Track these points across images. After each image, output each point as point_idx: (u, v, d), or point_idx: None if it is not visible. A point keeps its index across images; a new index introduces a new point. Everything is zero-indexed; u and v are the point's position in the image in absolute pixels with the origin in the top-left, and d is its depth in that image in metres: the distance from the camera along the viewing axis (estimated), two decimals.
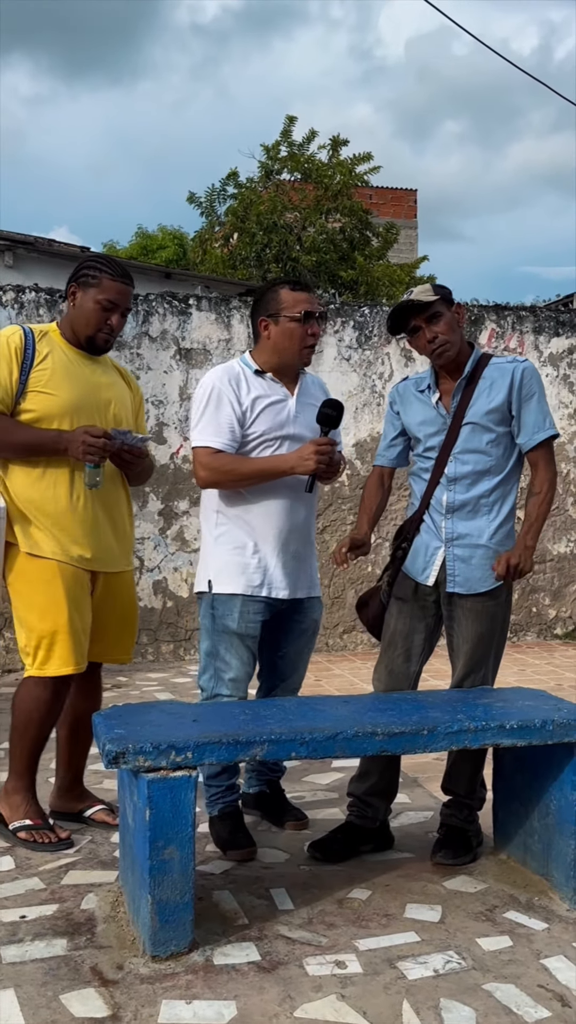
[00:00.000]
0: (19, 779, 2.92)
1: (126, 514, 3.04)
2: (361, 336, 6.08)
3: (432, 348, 2.80)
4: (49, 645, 2.81)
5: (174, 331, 5.79)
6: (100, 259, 2.95)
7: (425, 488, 2.88)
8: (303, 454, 2.80)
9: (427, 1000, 2.12)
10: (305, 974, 2.21)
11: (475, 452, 2.80)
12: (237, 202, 16.25)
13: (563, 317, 6.48)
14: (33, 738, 2.88)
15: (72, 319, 2.91)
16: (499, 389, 2.80)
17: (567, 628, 6.54)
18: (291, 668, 3.10)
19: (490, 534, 2.81)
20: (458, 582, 2.81)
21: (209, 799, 2.97)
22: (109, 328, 2.89)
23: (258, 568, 2.89)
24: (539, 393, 2.82)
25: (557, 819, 2.58)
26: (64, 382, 2.84)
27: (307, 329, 2.88)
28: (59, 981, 2.17)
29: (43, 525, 2.83)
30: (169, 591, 5.84)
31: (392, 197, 27.53)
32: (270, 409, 2.89)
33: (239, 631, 2.88)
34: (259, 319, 2.95)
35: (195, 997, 2.11)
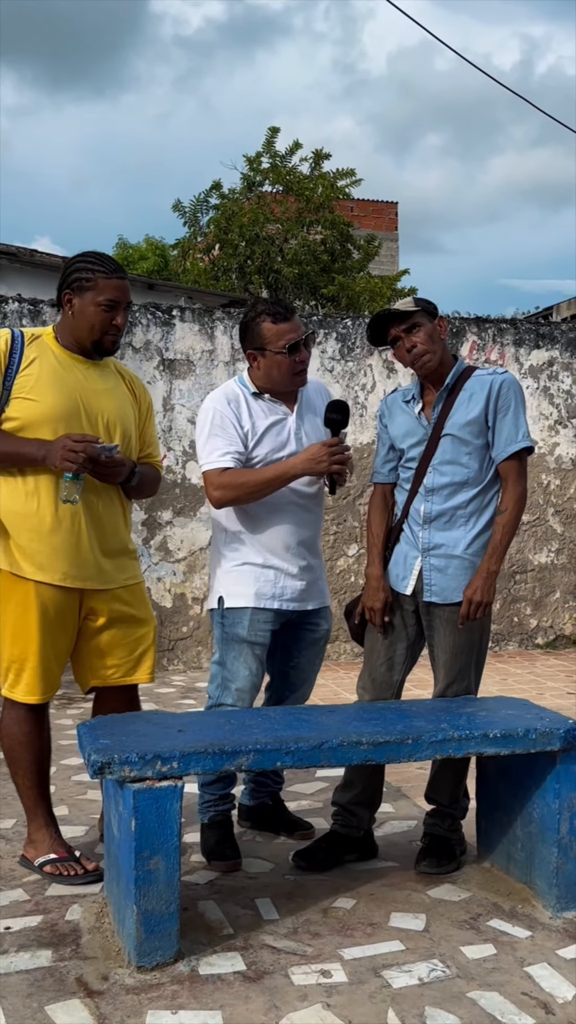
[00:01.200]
0: (35, 818, 2.83)
1: (121, 526, 2.88)
2: (344, 348, 6.12)
3: (411, 358, 2.82)
4: (19, 670, 2.71)
5: (157, 342, 5.80)
6: (89, 259, 2.78)
7: (405, 498, 2.90)
8: (314, 455, 2.79)
9: (412, 1008, 2.13)
10: (290, 983, 2.21)
11: (453, 464, 2.82)
12: (220, 213, 16.31)
13: (543, 329, 6.54)
14: (28, 764, 2.79)
15: (73, 327, 2.76)
16: (477, 401, 2.82)
17: (548, 638, 6.58)
18: (302, 679, 3.10)
19: (466, 545, 2.83)
20: (434, 591, 2.83)
21: (201, 806, 2.98)
22: (115, 329, 2.76)
23: (268, 582, 2.89)
24: (515, 406, 2.82)
25: (539, 827, 2.60)
26: (49, 389, 2.70)
27: (295, 359, 2.88)
28: (44, 992, 2.17)
29: (24, 541, 2.70)
30: (152, 601, 5.83)
31: (373, 209, 27.69)
32: (272, 430, 2.90)
33: (249, 639, 2.88)
34: (247, 351, 2.94)
35: (181, 1007, 2.11)
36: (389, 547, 2.95)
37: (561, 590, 6.59)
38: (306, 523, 2.95)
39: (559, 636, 6.60)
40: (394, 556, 2.92)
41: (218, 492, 2.83)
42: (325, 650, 3.15)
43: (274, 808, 3.16)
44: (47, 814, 2.84)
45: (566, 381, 6.55)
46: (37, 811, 2.82)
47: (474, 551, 2.83)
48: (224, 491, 2.82)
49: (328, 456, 2.78)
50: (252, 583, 2.88)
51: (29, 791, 2.81)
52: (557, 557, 6.58)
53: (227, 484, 2.81)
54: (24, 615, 2.69)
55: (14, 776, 2.82)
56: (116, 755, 2.25)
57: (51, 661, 2.74)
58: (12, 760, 2.80)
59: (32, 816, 2.83)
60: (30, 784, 2.80)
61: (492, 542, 2.81)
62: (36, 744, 2.79)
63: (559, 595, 6.59)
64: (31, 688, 2.71)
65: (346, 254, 16.53)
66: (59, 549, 2.71)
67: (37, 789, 2.82)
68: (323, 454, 2.78)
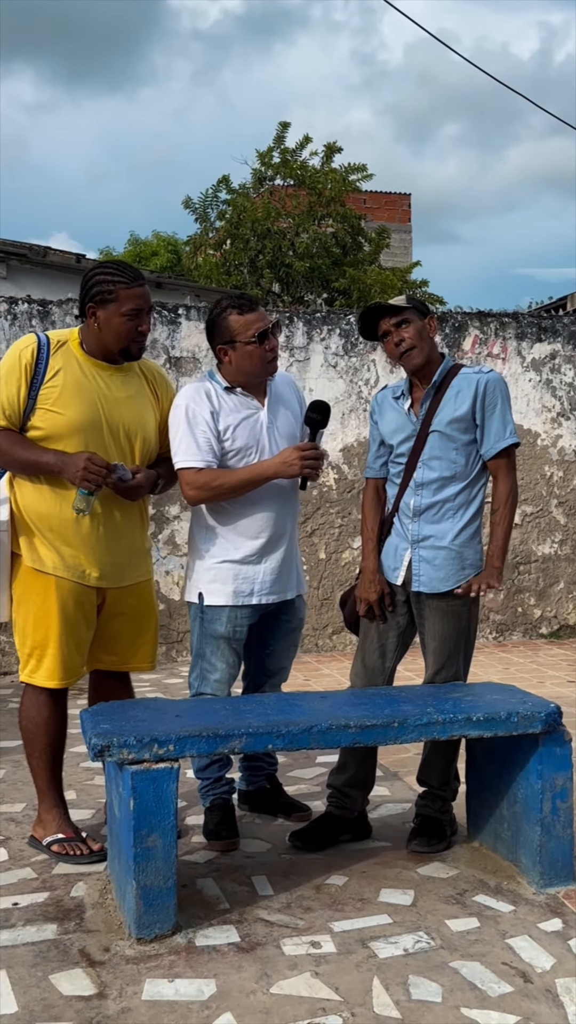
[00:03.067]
0: (46, 798, 2.96)
1: (138, 528, 3.00)
2: (347, 343, 6.22)
3: (398, 352, 2.92)
4: (40, 656, 2.85)
5: (164, 340, 5.92)
6: (108, 269, 2.86)
7: (396, 492, 3.01)
8: (287, 459, 2.90)
9: (396, 977, 2.24)
10: (282, 954, 2.33)
11: (441, 459, 2.92)
12: (231, 208, 16.40)
13: (545, 323, 6.61)
14: (44, 747, 2.92)
15: (99, 337, 2.85)
16: (464, 399, 2.91)
17: (552, 628, 6.67)
18: (278, 665, 3.23)
19: (453, 536, 2.93)
20: (423, 582, 2.94)
21: (201, 791, 3.11)
22: (141, 335, 2.86)
23: (247, 578, 2.99)
24: (502, 404, 2.92)
25: (524, 807, 2.71)
26: (73, 400, 2.79)
27: (265, 347, 2.96)
28: (49, 963, 2.30)
29: (47, 539, 2.83)
30: (161, 594, 5.96)
31: (386, 201, 27.72)
32: (244, 424, 2.98)
33: (226, 635, 3.00)
34: (217, 347, 3.02)
35: (177, 976, 2.24)
36: (381, 539, 3.06)
37: (565, 580, 6.68)
38: (283, 515, 3.05)
39: (563, 626, 6.68)
40: (385, 548, 3.03)
41: (193, 492, 2.93)
42: (300, 635, 3.26)
43: (272, 791, 3.29)
44: (57, 796, 2.98)
45: (568, 374, 6.62)
46: (48, 793, 2.96)
47: (461, 542, 2.94)
48: (199, 491, 2.92)
49: (300, 460, 2.88)
50: (231, 581, 2.98)
51: (42, 773, 2.95)
52: (561, 548, 6.66)
53: (203, 484, 2.91)
54: (45, 604, 2.83)
55: (29, 758, 2.96)
56: (115, 738, 2.38)
57: (71, 648, 2.87)
58: (29, 742, 2.94)
59: (43, 797, 2.97)
60: (44, 767, 2.94)
61: (493, 541, 2.92)
62: (53, 729, 2.93)
63: (563, 585, 6.67)
64: (51, 673, 2.85)
65: (357, 247, 16.59)
66: (80, 549, 2.85)
67: (50, 772, 2.95)
68: (295, 458, 2.88)
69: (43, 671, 2.86)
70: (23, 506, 2.86)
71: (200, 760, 3.03)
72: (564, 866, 2.68)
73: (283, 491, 3.03)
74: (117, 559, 2.91)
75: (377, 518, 3.08)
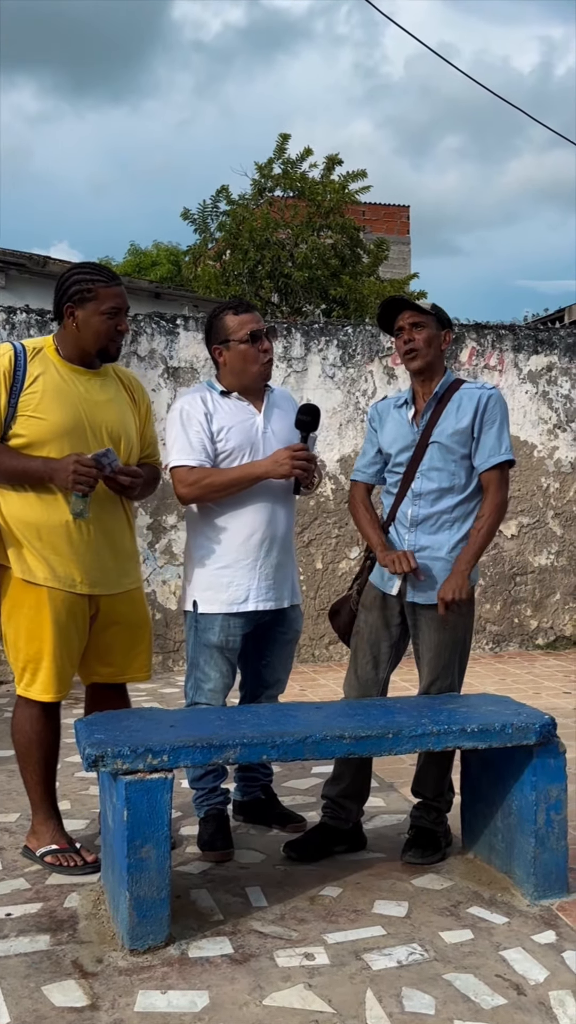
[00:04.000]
0: (39, 810, 2.95)
1: (127, 533, 2.99)
2: (345, 355, 6.24)
3: (405, 349, 2.95)
4: (35, 670, 2.83)
5: (162, 350, 5.94)
6: (85, 270, 2.88)
7: (392, 502, 3.02)
8: (277, 459, 2.93)
9: (389, 989, 2.24)
10: (275, 966, 2.33)
11: (440, 470, 2.94)
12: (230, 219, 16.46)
13: (542, 335, 6.64)
14: (38, 761, 2.90)
15: (78, 338, 2.85)
16: (466, 412, 2.93)
17: (549, 639, 6.67)
18: (275, 677, 3.23)
19: (450, 548, 2.94)
20: (418, 591, 2.94)
21: (195, 801, 3.11)
22: (119, 335, 2.87)
23: (241, 584, 3.00)
24: (501, 420, 2.95)
25: (518, 818, 2.71)
26: (54, 405, 2.79)
27: (258, 347, 3.01)
28: (41, 974, 2.29)
29: (36, 549, 2.80)
30: (158, 603, 5.96)
31: (385, 213, 27.79)
32: (238, 427, 3.01)
33: (219, 644, 3.01)
34: (212, 347, 3.08)
35: (170, 987, 2.23)
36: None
37: (561, 591, 6.68)
38: (276, 519, 3.05)
39: (559, 637, 6.69)
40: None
41: (185, 489, 2.97)
42: (296, 647, 3.27)
43: (267, 801, 3.29)
44: (51, 808, 2.97)
45: (565, 386, 6.64)
46: (42, 805, 2.95)
47: (457, 553, 2.95)
48: (191, 489, 2.96)
49: (290, 460, 2.91)
50: (224, 588, 2.99)
51: (36, 785, 2.94)
52: (557, 559, 6.67)
53: (194, 482, 2.95)
54: (38, 617, 2.81)
55: (23, 771, 2.95)
56: (109, 749, 2.38)
57: (65, 661, 2.86)
58: (22, 755, 2.93)
59: (37, 809, 2.96)
60: (38, 779, 2.93)
61: (469, 545, 2.92)
62: (47, 741, 2.92)
63: (559, 596, 6.68)
64: (46, 687, 2.83)
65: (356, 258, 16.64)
66: (71, 557, 2.82)
67: (43, 784, 2.94)
68: (285, 457, 2.92)
69: (38, 685, 2.84)
70: (9, 516, 2.82)
71: (195, 770, 3.03)
72: (558, 878, 2.68)
73: (276, 494, 3.04)
74: (107, 564, 2.89)
75: (369, 510, 3.06)
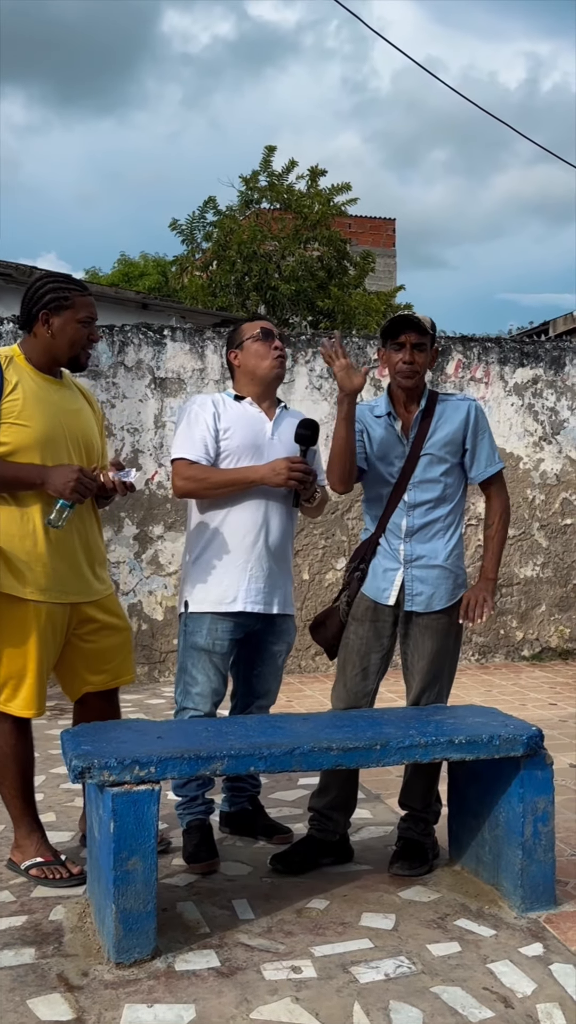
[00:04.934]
0: (21, 824, 2.93)
1: (98, 539, 3.03)
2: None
3: (404, 369, 2.93)
4: (16, 686, 2.80)
5: (149, 361, 5.94)
6: (59, 279, 2.90)
7: (382, 513, 3.02)
8: (275, 467, 2.96)
9: (377, 1002, 2.23)
10: (262, 979, 2.32)
11: (432, 481, 2.97)
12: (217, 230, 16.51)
13: (527, 348, 6.68)
14: (15, 775, 2.88)
15: (51, 345, 2.85)
16: (453, 423, 2.99)
17: (534, 650, 6.69)
18: (265, 687, 3.22)
19: (446, 555, 2.98)
20: (417, 601, 2.96)
21: (178, 810, 3.10)
22: (92, 343, 2.92)
23: (230, 584, 3.01)
24: (489, 430, 3.07)
25: (505, 830, 2.71)
26: (36, 412, 2.79)
27: (269, 344, 3.10)
28: (26, 987, 2.27)
29: (18, 562, 2.77)
30: (144, 614, 5.95)
31: (371, 226, 27.96)
32: (245, 428, 3.06)
33: (206, 647, 3.01)
34: (229, 353, 3.19)
35: (156, 1001, 2.21)
36: (365, 561, 3.06)
37: (547, 603, 6.70)
38: (271, 525, 3.07)
39: (545, 648, 6.71)
40: (372, 569, 3.03)
41: (182, 482, 3.02)
42: (286, 659, 3.28)
43: (253, 813, 3.27)
44: (33, 821, 2.94)
45: (550, 398, 6.68)
46: (24, 819, 2.93)
47: (452, 560, 2.99)
48: (187, 482, 3.00)
49: (287, 470, 2.94)
50: (214, 587, 3.01)
51: (15, 800, 2.91)
52: (543, 571, 6.69)
53: (192, 476, 2.99)
54: (22, 632, 2.78)
55: (0, 787, 2.92)
56: (96, 760, 2.36)
57: (44, 676, 2.85)
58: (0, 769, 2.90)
59: (18, 823, 2.93)
60: (16, 794, 2.91)
61: (490, 551, 3.05)
62: (22, 756, 2.89)
63: (545, 608, 6.70)
64: (28, 702, 2.81)
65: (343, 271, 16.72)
66: (55, 568, 2.82)
67: (22, 798, 2.92)
68: (283, 467, 2.95)
69: (20, 700, 2.81)
70: None
71: (177, 780, 3.01)
72: (545, 890, 2.68)
73: (272, 501, 3.05)
74: (84, 571, 2.91)
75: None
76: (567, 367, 6.72)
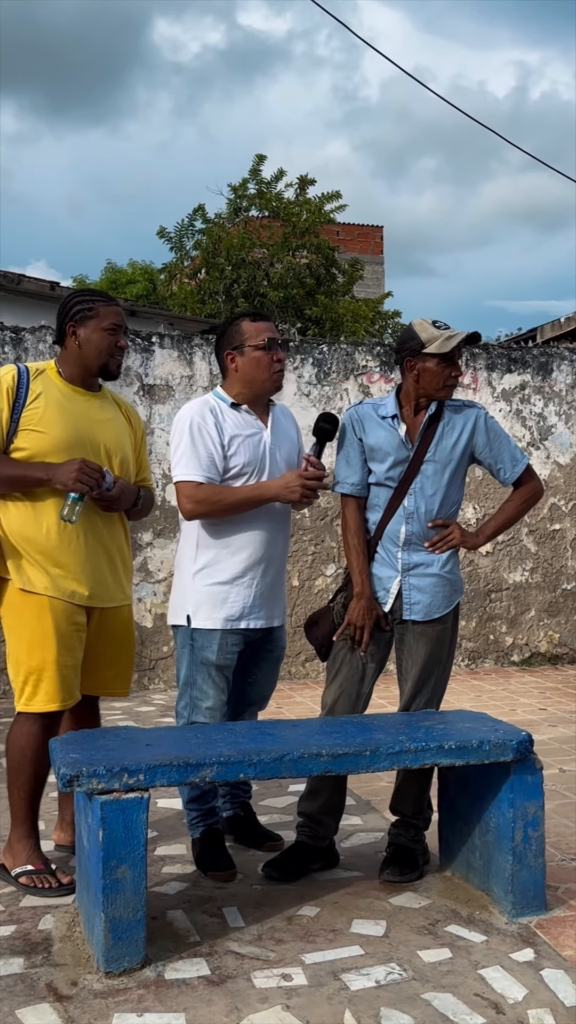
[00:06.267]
0: (20, 826, 2.92)
1: (124, 548, 3.04)
2: (320, 372, 6.26)
3: (450, 383, 2.94)
4: (36, 681, 2.82)
5: (137, 368, 5.93)
6: (84, 293, 3.02)
7: (380, 518, 2.99)
8: (289, 483, 2.89)
9: (368, 1009, 2.22)
10: (252, 987, 2.30)
11: (434, 488, 2.94)
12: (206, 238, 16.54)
13: (515, 354, 6.70)
14: (28, 778, 2.88)
15: (80, 356, 2.94)
16: (460, 431, 2.96)
17: (524, 655, 6.70)
18: (259, 694, 3.21)
19: (442, 563, 2.97)
20: (415, 611, 2.94)
21: (190, 823, 3.07)
22: (120, 351, 2.96)
23: (236, 600, 2.97)
24: (504, 432, 3.07)
25: (496, 836, 2.70)
26: (56, 420, 2.86)
27: (272, 356, 2.98)
28: (15, 997, 2.25)
29: (36, 561, 2.83)
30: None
31: (359, 234, 28.04)
32: (248, 442, 2.98)
33: (219, 663, 2.96)
34: (225, 353, 3.04)
35: (146, 1010, 2.20)
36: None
37: (536, 608, 6.72)
38: (275, 538, 3.04)
39: (534, 653, 6.72)
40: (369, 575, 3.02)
41: (191, 505, 2.91)
42: (280, 666, 3.25)
43: (245, 819, 3.26)
44: (32, 827, 2.94)
45: (538, 404, 6.71)
46: (24, 822, 2.93)
47: (450, 568, 2.99)
48: (198, 505, 2.91)
49: (301, 487, 2.88)
50: (221, 605, 2.95)
51: (22, 802, 2.91)
52: (532, 576, 6.71)
53: (203, 499, 2.90)
54: (40, 626, 2.82)
55: (10, 785, 2.92)
56: (85, 768, 2.35)
57: (68, 669, 2.86)
58: (13, 771, 2.90)
59: (17, 825, 2.93)
60: (24, 797, 2.91)
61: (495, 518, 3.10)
62: (41, 760, 2.88)
63: (534, 613, 6.71)
64: (51, 696, 2.83)
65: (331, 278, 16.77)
66: (70, 568, 2.86)
67: (29, 802, 2.92)
68: (297, 484, 2.88)
69: (41, 695, 2.83)
70: (8, 528, 2.87)
71: (191, 791, 2.99)
72: (536, 895, 2.67)
73: (277, 515, 3.03)
74: (105, 577, 2.94)
75: (364, 539, 2.99)
76: (554, 373, 6.75)
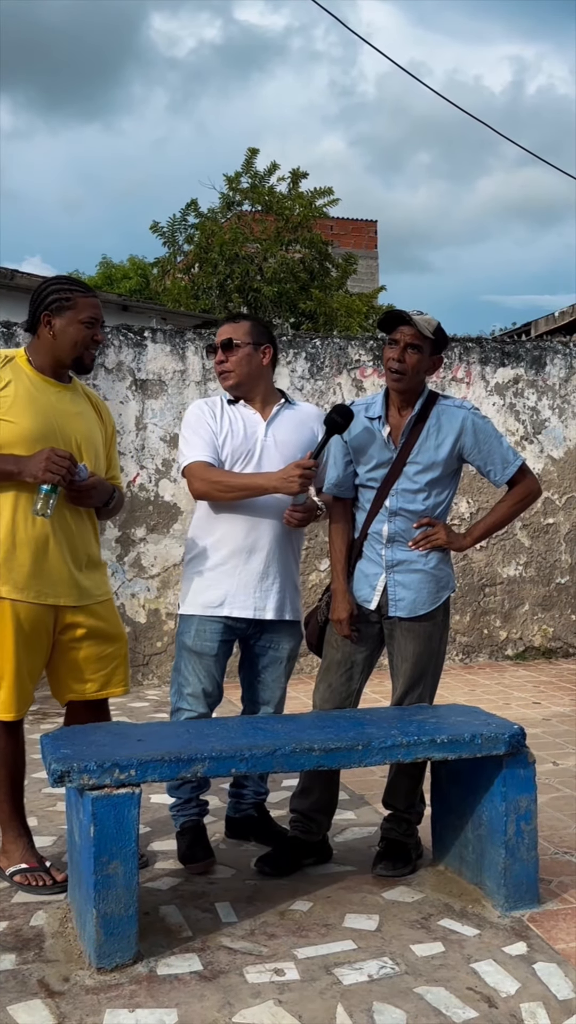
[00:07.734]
0: (7, 828, 2.90)
1: (92, 543, 2.96)
2: (313, 367, 6.25)
3: (392, 366, 2.86)
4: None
5: (130, 362, 5.91)
6: (62, 281, 2.93)
7: (364, 518, 2.99)
8: (288, 475, 2.88)
9: (360, 1004, 2.22)
10: (245, 982, 2.30)
11: (416, 489, 2.92)
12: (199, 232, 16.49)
13: (508, 348, 6.69)
14: (3, 779, 2.85)
15: (53, 347, 2.86)
16: (447, 434, 2.91)
17: (518, 649, 6.70)
18: (269, 693, 3.16)
19: (427, 559, 2.95)
20: (400, 607, 2.93)
21: (173, 814, 3.07)
22: (95, 344, 2.90)
23: (218, 587, 2.99)
24: (495, 432, 2.96)
25: (488, 830, 2.70)
26: (26, 410, 2.78)
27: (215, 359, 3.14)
28: (7, 993, 2.25)
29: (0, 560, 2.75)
30: (127, 617, 5.91)
31: (353, 228, 27.98)
32: (237, 431, 3.04)
33: (195, 649, 2.99)
34: None
35: (138, 1006, 2.20)
36: (350, 562, 3.04)
37: (530, 602, 6.72)
38: (262, 528, 3.01)
39: (528, 647, 6.72)
40: (356, 574, 3.00)
41: (199, 483, 2.98)
42: (292, 667, 3.19)
43: (259, 820, 3.22)
44: (21, 826, 2.92)
45: (531, 398, 6.70)
46: (11, 823, 2.90)
47: (435, 564, 2.96)
48: (204, 484, 2.97)
49: (300, 479, 2.87)
50: (203, 591, 3.01)
51: (4, 804, 2.89)
52: (526, 570, 6.71)
53: (208, 478, 2.96)
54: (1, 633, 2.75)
55: None
56: (75, 764, 2.34)
57: (25, 678, 2.80)
58: None
59: (6, 827, 2.91)
60: (5, 797, 2.88)
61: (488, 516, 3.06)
62: (11, 759, 2.86)
63: (528, 607, 6.71)
64: (7, 706, 2.78)
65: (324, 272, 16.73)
66: (33, 566, 2.77)
67: (11, 802, 2.89)
68: (296, 475, 2.87)
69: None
70: None
71: (172, 782, 2.98)
72: (529, 889, 2.67)
73: (262, 503, 2.99)
74: (75, 574, 2.85)
75: (346, 539, 3.02)
76: (548, 367, 6.74)
